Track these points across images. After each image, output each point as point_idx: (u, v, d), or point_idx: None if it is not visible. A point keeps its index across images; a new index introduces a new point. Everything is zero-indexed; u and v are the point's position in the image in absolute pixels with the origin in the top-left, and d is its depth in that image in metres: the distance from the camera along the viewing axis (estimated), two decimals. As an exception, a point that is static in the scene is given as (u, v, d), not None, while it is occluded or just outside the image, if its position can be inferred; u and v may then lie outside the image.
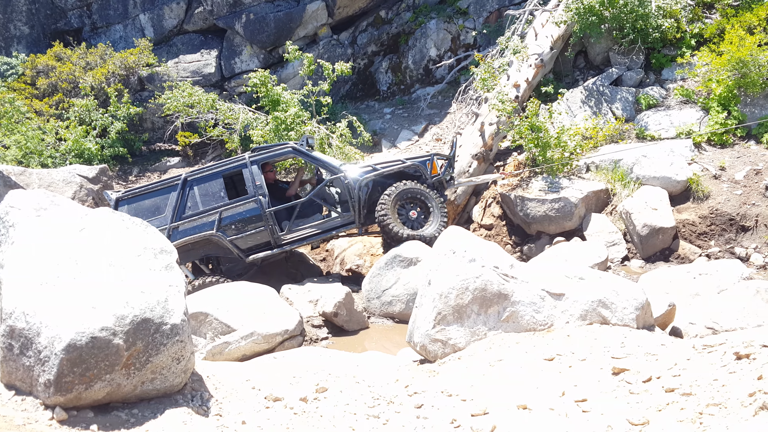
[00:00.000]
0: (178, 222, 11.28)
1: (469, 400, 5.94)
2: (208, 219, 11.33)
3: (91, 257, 5.98)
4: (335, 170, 11.84)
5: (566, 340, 6.91)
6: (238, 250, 11.46)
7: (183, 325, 5.84)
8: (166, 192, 11.42)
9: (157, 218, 11.25)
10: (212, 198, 11.44)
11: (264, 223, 11.45)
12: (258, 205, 11.44)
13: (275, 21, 18.46)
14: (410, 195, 11.64)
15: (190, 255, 11.53)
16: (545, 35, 15.79)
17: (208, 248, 11.54)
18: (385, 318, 10.82)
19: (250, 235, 11.48)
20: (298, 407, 6.05)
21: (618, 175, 13.15)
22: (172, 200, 11.32)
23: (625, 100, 14.88)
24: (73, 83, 17.68)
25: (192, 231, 11.32)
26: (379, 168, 11.92)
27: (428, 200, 11.68)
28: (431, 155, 12.29)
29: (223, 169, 11.63)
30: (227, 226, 11.39)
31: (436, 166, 12.17)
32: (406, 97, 18.90)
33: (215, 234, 11.28)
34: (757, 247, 11.98)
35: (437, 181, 12.12)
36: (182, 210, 11.33)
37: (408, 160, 12.11)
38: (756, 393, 4.82)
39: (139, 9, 19.36)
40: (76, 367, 5.29)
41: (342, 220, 11.78)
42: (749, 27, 14.40)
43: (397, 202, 11.56)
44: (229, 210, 11.41)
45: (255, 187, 11.46)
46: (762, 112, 13.70)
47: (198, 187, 11.45)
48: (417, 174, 12.07)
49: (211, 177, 11.54)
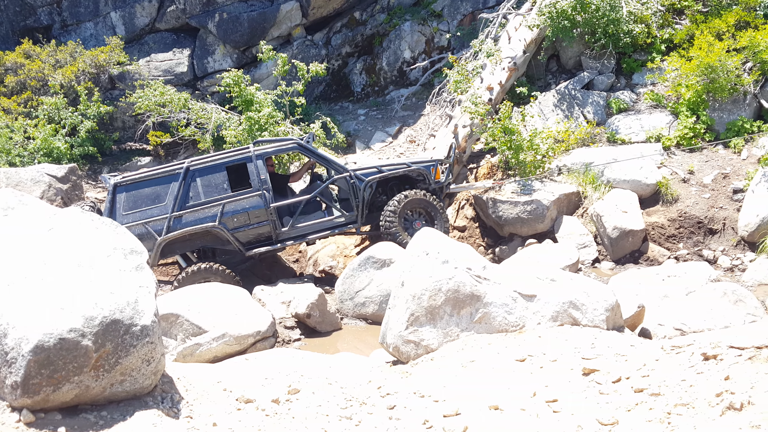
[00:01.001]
0: (179, 212, 11.13)
1: (442, 400, 5.96)
2: (210, 211, 11.21)
3: (60, 257, 5.91)
4: (340, 169, 11.83)
5: (537, 341, 6.96)
6: (239, 244, 11.37)
7: (153, 327, 5.79)
8: (168, 181, 11.23)
9: (158, 207, 11.10)
10: (215, 189, 11.30)
11: (267, 217, 11.39)
12: (262, 200, 11.36)
13: (249, 21, 18.37)
14: (417, 205, 11.68)
15: (188, 245, 11.46)
16: (518, 39, 15.87)
17: (207, 240, 11.44)
18: (358, 319, 10.82)
19: (252, 229, 11.40)
20: (270, 409, 6.03)
21: (589, 178, 13.25)
22: (174, 189, 11.14)
23: (596, 104, 15.00)
24: (42, 81, 17.45)
25: (193, 222, 11.18)
26: (384, 170, 11.92)
27: (433, 211, 11.73)
28: (435, 161, 12.34)
29: (226, 160, 11.50)
30: (229, 218, 11.27)
31: (439, 172, 12.23)
32: (380, 98, 18.91)
33: (217, 226, 11.17)
34: (724, 250, 12.14)
35: (438, 187, 12.18)
36: (184, 200, 11.17)
37: (413, 164, 12.12)
38: (723, 393, 4.89)
39: (110, 7, 19.15)
40: (43, 369, 5.23)
41: (345, 219, 11.78)
42: (718, 33, 14.59)
43: (405, 211, 11.59)
44: (231, 203, 11.29)
45: (260, 181, 11.37)
46: (730, 117, 13.89)
47: (200, 177, 11.31)
48: (420, 178, 12.11)
49: (215, 168, 11.39)
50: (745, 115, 13.79)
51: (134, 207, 11.08)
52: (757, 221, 11.80)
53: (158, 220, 11.06)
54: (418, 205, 11.68)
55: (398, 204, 11.52)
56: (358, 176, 11.72)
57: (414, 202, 11.63)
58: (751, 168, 12.87)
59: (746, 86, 13.80)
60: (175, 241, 11.20)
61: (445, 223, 11.83)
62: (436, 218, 11.74)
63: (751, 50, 13.83)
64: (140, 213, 11.06)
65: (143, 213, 11.07)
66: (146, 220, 11.01)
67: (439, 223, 11.70)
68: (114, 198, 11.06)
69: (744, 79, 13.72)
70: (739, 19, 14.85)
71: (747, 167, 12.98)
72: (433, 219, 11.74)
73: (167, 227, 11.04)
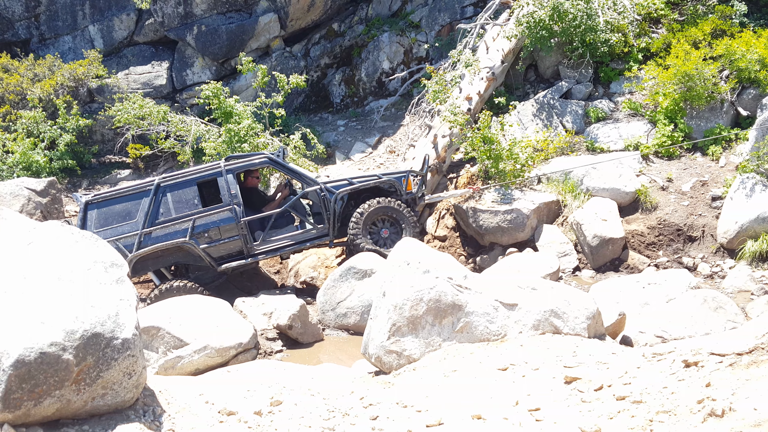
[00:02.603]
0: (149, 228, 11.10)
1: (424, 410, 5.96)
2: (180, 226, 11.18)
3: (40, 271, 5.86)
4: (311, 182, 11.82)
5: (519, 349, 6.98)
6: (210, 259, 11.34)
7: (134, 340, 5.75)
8: (138, 197, 11.21)
9: (128, 224, 11.09)
10: (185, 205, 11.28)
11: (238, 232, 11.37)
12: (232, 214, 11.34)
13: (227, 33, 18.36)
14: (382, 213, 11.67)
15: (160, 262, 11.40)
16: (496, 49, 15.97)
17: (179, 255, 11.40)
18: (340, 330, 10.80)
19: (223, 244, 11.39)
20: (252, 421, 6.00)
21: (569, 186, 13.33)
22: (144, 206, 11.13)
23: (574, 113, 15.10)
24: (20, 95, 17.34)
25: (164, 238, 11.16)
26: (355, 182, 11.93)
27: (401, 219, 11.71)
28: (406, 172, 12.35)
29: (197, 176, 11.47)
30: (200, 234, 11.25)
31: (411, 183, 12.24)
32: (359, 109, 18.94)
33: (188, 241, 11.14)
34: (704, 257, 12.23)
35: (411, 198, 12.19)
36: (154, 216, 11.15)
37: (384, 176, 12.14)
38: (704, 400, 4.92)
39: (88, 20, 19.08)
40: (24, 383, 5.18)
41: (317, 232, 11.76)
42: (694, 41, 14.75)
43: (369, 221, 11.57)
44: (202, 218, 11.28)
45: (230, 195, 11.35)
46: (707, 125, 14.02)
47: (171, 193, 11.28)
48: (392, 190, 12.12)
49: (185, 184, 11.37)
50: (723, 122, 13.93)
51: (105, 224, 11.06)
52: (736, 228, 11.91)
53: (129, 236, 11.03)
54: (383, 213, 11.67)
55: (361, 215, 11.55)
56: (328, 189, 11.74)
57: (378, 210, 11.63)
58: (729, 175, 13.00)
59: (723, 94, 13.95)
60: (147, 257, 11.18)
61: (413, 228, 11.79)
62: (403, 223, 11.73)
63: (727, 58, 13.99)
64: (111, 230, 11.03)
65: (114, 230, 11.04)
66: (117, 236, 10.97)
67: (408, 228, 11.69)
68: (85, 215, 11.03)
69: (721, 87, 13.87)
70: (715, 28, 15.04)
71: (725, 174, 13.11)
72: (401, 225, 11.74)
73: (138, 243, 11.02)
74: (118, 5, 19.00)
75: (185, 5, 18.44)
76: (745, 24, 15.29)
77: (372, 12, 19.96)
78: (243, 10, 18.75)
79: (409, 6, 19.73)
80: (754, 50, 13.65)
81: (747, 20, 15.42)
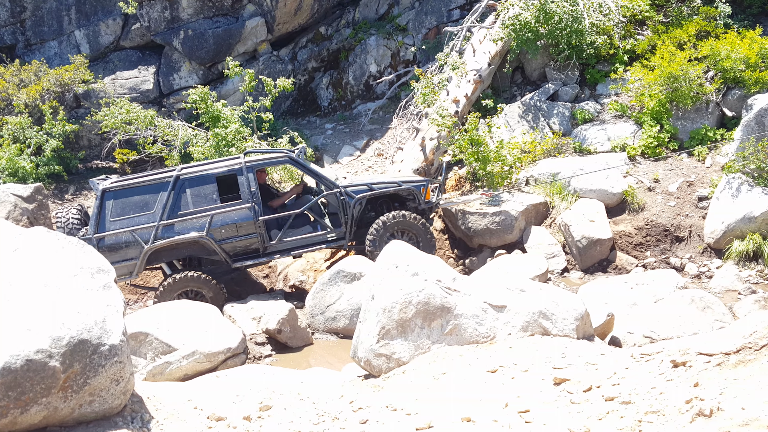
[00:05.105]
0: (167, 220, 11.07)
1: (414, 414, 5.94)
2: (198, 220, 11.17)
3: (26, 278, 5.83)
4: (331, 185, 11.76)
5: (509, 351, 6.98)
6: (226, 255, 11.33)
7: (122, 346, 5.73)
8: (157, 189, 11.18)
9: (146, 215, 11.06)
10: (204, 199, 11.27)
11: (255, 230, 11.35)
12: (251, 212, 11.32)
13: (214, 37, 18.33)
14: (401, 226, 11.60)
15: (175, 254, 11.40)
16: (483, 51, 16.00)
17: (194, 249, 11.38)
18: (329, 334, 10.79)
19: (240, 241, 11.37)
20: (241, 426, 5.98)
21: (556, 188, 13.36)
22: (162, 198, 11.10)
23: (561, 114, 15.15)
24: (6, 101, 17.25)
25: (181, 231, 11.14)
26: (375, 187, 11.88)
27: (419, 235, 11.61)
28: (426, 180, 12.32)
29: (217, 171, 11.45)
30: (217, 229, 11.23)
31: (430, 192, 12.22)
32: (347, 112, 18.94)
33: (204, 237, 11.12)
34: (691, 257, 12.28)
35: (429, 206, 12.17)
36: (172, 209, 11.12)
37: (404, 183, 12.08)
38: (693, 400, 4.93)
39: (74, 25, 19.02)
40: (11, 391, 5.15)
41: (335, 235, 11.73)
42: (679, 43, 14.83)
43: (388, 232, 11.53)
44: (220, 214, 11.26)
45: (250, 193, 11.34)
46: (693, 125, 14.09)
47: (190, 187, 11.26)
48: (410, 197, 12.09)
49: (205, 179, 11.35)
50: (708, 123, 14.00)
51: (122, 214, 11.04)
52: (723, 228, 11.96)
53: (146, 228, 11.01)
54: (404, 226, 11.59)
55: (382, 225, 11.46)
56: (348, 192, 11.68)
57: (401, 224, 11.55)
58: (715, 175, 13.07)
59: (708, 95, 14.02)
60: (162, 249, 11.17)
61: (431, 249, 11.57)
62: (421, 241, 11.56)
63: (712, 59, 14.07)
64: (128, 220, 11.02)
65: (131, 220, 11.02)
66: (134, 227, 10.97)
67: (425, 246, 11.49)
68: (102, 204, 10.98)
69: (706, 88, 13.94)
70: (699, 29, 15.12)
71: (711, 175, 13.17)
72: (417, 241, 11.56)
73: (154, 235, 11.01)
74: (104, 10, 18.96)
75: (172, 10, 18.39)
76: (729, 25, 15.37)
77: (359, 15, 19.98)
78: (230, 14, 18.72)
79: (395, 9, 19.77)
80: (738, 51, 13.72)
81: (731, 21, 15.51)
